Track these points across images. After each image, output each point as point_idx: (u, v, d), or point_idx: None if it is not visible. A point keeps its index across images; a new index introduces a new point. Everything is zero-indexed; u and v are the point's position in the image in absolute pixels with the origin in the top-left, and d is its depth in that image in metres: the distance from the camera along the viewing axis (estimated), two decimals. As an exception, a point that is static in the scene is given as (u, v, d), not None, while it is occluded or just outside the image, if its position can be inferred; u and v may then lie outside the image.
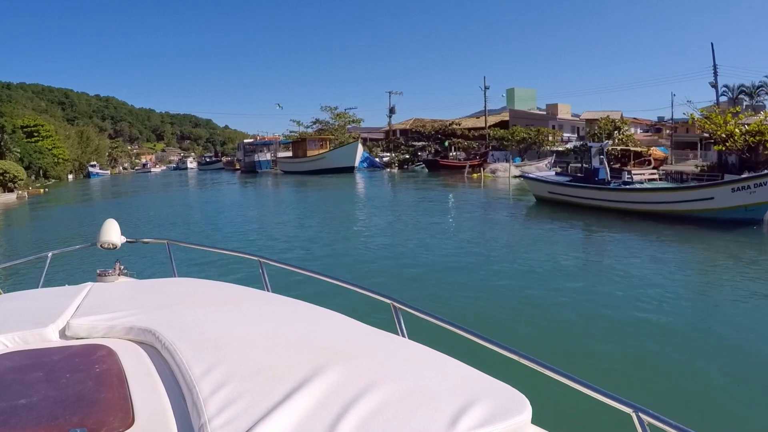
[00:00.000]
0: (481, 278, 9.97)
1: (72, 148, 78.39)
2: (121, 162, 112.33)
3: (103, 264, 3.37)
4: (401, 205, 24.54)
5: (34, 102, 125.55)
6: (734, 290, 9.01)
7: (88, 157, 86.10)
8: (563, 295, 8.61)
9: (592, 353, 6.22)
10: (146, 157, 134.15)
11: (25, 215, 29.40)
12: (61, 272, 9.04)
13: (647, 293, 8.55)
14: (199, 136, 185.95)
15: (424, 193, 30.09)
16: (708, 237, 14.10)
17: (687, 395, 5.21)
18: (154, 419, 1.32)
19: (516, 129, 51.27)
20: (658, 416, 1.37)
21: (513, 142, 49.94)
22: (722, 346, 6.49)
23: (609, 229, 15.71)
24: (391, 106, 67.17)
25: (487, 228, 16.96)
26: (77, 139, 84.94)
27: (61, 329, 1.92)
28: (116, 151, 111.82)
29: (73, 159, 77.79)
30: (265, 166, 64.93)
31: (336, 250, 13.41)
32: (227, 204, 29.30)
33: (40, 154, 63.90)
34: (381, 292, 2.39)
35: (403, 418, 1.24)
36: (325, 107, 70.52)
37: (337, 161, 50.94)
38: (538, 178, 23.20)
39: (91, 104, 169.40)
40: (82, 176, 79.35)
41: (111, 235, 3.61)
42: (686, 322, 7.40)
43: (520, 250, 12.92)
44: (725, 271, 10.67)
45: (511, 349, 1.79)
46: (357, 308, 2.84)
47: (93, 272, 3.24)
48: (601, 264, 11.62)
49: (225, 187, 45.98)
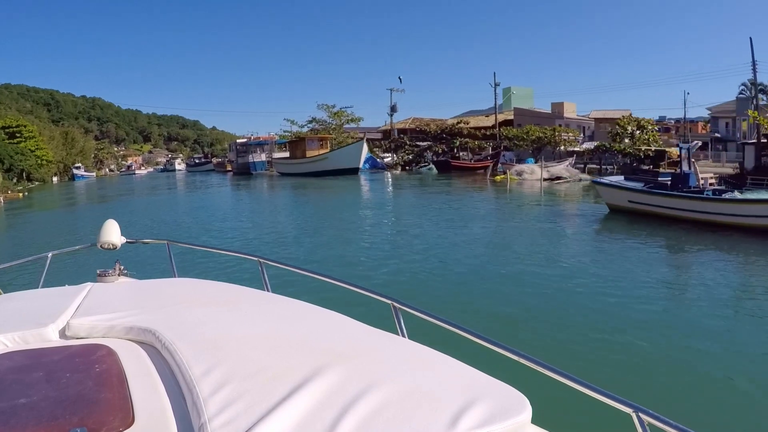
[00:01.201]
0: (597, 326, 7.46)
1: (56, 149, 76.03)
2: (107, 164, 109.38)
3: (103, 264, 3.37)
4: (424, 214, 20.66)
5: (19, 103, 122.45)
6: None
7: (73, 159, 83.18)
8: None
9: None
10: (133, 158, 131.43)
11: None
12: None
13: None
14: (187, 137, 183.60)
15: (446, 199, 26.09)
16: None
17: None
18: (154, 419, 1.32)
19: (530, 128, 47.54)
20: (658, 416, 1.37)
21: (527, 142, 46.36)
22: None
23: (732, 252, 12.46)
24: (392, 104, 63.06)
25: (558, 247, 13.39)
26: (62, 141, 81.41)
27: (61, 329, 1.93)
28: (102, 153, 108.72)
29: (57, 161, 75.26)
30: (259, 168, 61.40)
31: (364, 276, 10.41)
32: (220, 210, 26.54)
33: (22, 156, 61.78)
34: (381, 293, 2.40)
35: (403, 418, 1.24)
36: (322, 105, 66.52)
37: (341, 162, 47.60)
38: (615, 184, 19.35)
39: (77, 105, 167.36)
40: (67, 178, 76.85)
41: (111, 235, 3.62)
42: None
43: (619, 281, 9.86)
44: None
45: (511, 349, 1.79)
46: (357, 308, 2.83)
47: (93, 272, 3.24)
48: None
49: (216, 190, 43.20)
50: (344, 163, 47.48)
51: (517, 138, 47.53)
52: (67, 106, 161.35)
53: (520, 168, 37.84)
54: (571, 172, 35.22)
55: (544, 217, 19.19)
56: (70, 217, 27.56)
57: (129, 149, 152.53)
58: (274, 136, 70.11)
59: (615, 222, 16.89)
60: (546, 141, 45.59)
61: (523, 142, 46.78)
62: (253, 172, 60.53)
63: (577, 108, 60.52)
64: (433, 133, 57.02)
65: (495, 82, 58.85)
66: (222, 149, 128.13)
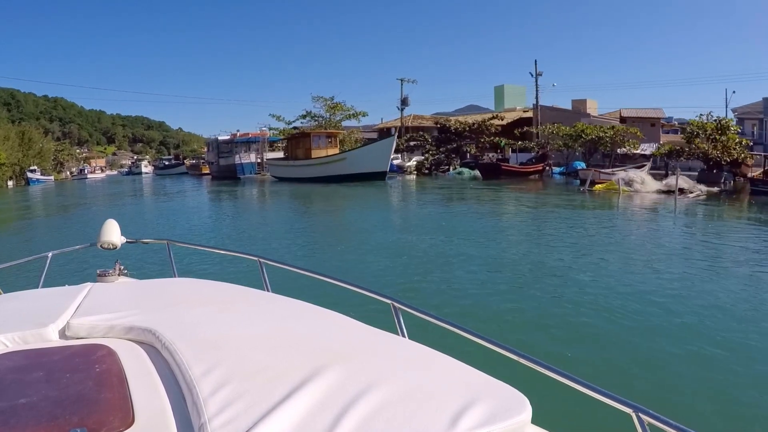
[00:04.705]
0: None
1: (11, 150, 69.20)
2: (68, 166, 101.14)
3: (103, 264, 3.37)
4: (553, 255, 11.38)
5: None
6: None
7: (30, 161, 76.23)
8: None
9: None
10: (95, 161, 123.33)
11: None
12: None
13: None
14: (153, 138, 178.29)
15: (548, 223, 16.93)
16: None
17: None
18: (154, 419, 1.32)
19: (584, 126, 40.77)
20: (658, 416, 1.37)
21: (584, 142, 39.95)
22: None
23: None
24: (403, 96, 54.25)
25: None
26: (17, 141, 73.81)
27: (61, 329, 1.93)
28: (62, 155, 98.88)
29: (12, 163, 68.92)
30: (248, 171, 51.70)
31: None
32: (201, 230, 17.88)
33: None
34: (380, 292, 2.40)
35: (403, 418, 1.24)
36: (317, 97, 56.74)
37: (363, 164, 38.26)
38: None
39: (38, 105, 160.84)
40: (24, 182, 70.10)
41: (111, 235, 3.62)
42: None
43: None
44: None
45: (511, 349, 1.79)
46: (357, 308, 2.84)
47: (93, 272, 3.25)
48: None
49: (192, 200, 32.56)
50: (368, 165, 38.27)
51: (569, 137, 40.74)
52: (28, 106, 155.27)
53: (628, 176, 28.44)
54: (689, 182, 27.35)
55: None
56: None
57: (92, 151, 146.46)
58: (266, 132, 59.50)
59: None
60: (608, 141, 39.06)
61: (577, 142, 40.46)
62: (240, 176, 51.13)
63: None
64: (458, 130, 48.51)
65: (536, 71, 49.44)
66: (191, 150, 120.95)
